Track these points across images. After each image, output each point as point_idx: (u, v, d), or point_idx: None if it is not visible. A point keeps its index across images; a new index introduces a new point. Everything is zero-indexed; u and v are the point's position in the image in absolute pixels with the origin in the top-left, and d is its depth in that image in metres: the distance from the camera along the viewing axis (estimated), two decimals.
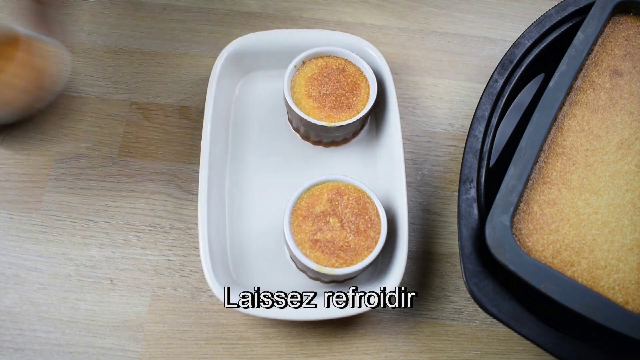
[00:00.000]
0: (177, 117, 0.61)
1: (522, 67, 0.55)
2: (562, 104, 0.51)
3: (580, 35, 0.53)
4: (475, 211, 0.49)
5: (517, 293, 0.46)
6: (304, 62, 0.57)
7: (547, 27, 0.56)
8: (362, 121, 0.56)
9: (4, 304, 0.51)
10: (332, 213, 0.50)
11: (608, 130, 0.51)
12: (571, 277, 0.45)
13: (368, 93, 0.56)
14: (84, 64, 0.63)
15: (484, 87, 0.54)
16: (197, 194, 0.57)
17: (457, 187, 0.59)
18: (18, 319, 0.51)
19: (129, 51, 0.64)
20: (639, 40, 0.56)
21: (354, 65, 0.57)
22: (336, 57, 0.57)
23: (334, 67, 0.57)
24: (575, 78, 0.53)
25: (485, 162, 0.52)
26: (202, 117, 0.61)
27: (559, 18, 0.57)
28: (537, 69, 0.58)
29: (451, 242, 0.57)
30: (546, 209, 0.47)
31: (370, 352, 0.52)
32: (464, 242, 0.47)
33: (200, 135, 0.60)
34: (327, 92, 0.55)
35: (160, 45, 0.65)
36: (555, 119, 0.51)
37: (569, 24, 0.57)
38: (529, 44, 0.56)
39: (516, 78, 0.55)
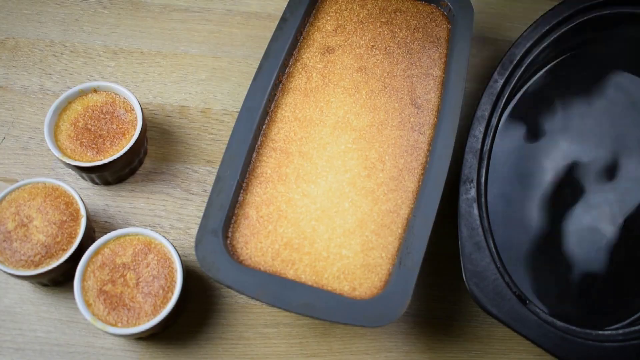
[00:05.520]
0: (177, 117, 0.61)
1: (522, 67, 0.55)
2: (273, 94, 0.50)
3: (286, 14, 0.52)
4: (476, 211, 0.48)
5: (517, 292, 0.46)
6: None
7: (547, 27, 0.56)
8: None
9: (4, 304, 0.51)
10: (131, 268, 0.48)
11: (322, 113, 0.49)
12: (294, 276, 0.44)
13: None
14: (84, 64, 0.63)
15: (484, 87, 0.54)
16: (197, 194, 0.57)
17: (457, 187, 0.59)
18: (18, 319, 0.51)
19: (129, 51, 0.64)
20: (350, 11, 0.54)
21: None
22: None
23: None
24: (287, 63, 0.51)
25: (485, 162, 0.51)
26: (202, 117, 0.61)
27: (559, 19, 0.57)
28: (537, 68, 0.58)
29: (451, 242, 0.56)
30: (262, 210, 0.46)
31: (370, 352, 0.52)
32: (464, 241, 0.47)
33: (200, 135, 0.60)
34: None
35: (160, 45, 0.65)
36: (267, 113, 0.49)
37: (570, 24, 0.57)
38: (528, 44, 0.56)
39: (516, 78, 0.55)
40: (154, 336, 0.50)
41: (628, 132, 0.59)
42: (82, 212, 0.50)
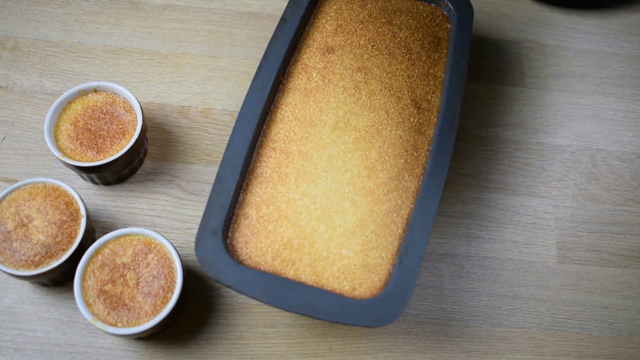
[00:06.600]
0: (177, 117, 0.61)
1: None
2: (273, 94, 0.50)
3: (286, 14, 0.52)
4: None
5: None
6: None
7: None
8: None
9: (4, 304, 0.51)
10: (131, 268, 0.48)
11: (322, 112, 0.50)
12: (294, 276, 0.44)
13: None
14: (84, 64, 0.63)
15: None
16: (197, 194, 0.57)
17: (458, 189, 0.59)
18: (18, 319, 0.51)
19: (129, 51, 0.64)
20: (350, 11, 0.55)
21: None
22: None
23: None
24: (287, 63, 0.51)
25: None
26: (202, 117, 0.61)
27: None
28: None
29: (451, 242, 0.57)
30: (262, 210, 0.46)
31: (370, 352, 0.52)
32: None
33: (200, 135, 0.60)
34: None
35: (160, 45, 0.65)
36: (267, 113, 0.49)
37: None
38: None
39: None
40: (154, 336, 0.50)
41: None
42: (82, 212, 0.50)
